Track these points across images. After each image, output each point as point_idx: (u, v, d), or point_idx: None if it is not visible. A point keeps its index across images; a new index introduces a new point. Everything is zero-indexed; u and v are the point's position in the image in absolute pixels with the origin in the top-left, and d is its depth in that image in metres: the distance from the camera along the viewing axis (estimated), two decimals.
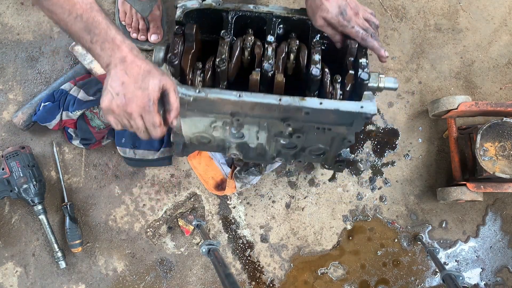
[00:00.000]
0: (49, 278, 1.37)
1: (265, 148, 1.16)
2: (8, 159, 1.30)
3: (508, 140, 1.28)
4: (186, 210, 1.42)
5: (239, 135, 1.11)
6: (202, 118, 1.06)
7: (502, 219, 1.46)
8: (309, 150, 1.17)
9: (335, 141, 1.12)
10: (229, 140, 1.14)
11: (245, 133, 1.11)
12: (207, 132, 1.11)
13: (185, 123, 1.09)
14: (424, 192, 1.46)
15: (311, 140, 1.12)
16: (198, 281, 1.41)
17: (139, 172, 1.41)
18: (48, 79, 1.41)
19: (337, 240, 1.44)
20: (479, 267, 1.45)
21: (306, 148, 1.16)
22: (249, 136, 1.12)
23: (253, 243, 1.43)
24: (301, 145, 1.14)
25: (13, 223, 1.38)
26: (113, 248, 1.40)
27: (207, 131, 1.11)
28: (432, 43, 1.49)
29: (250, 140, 1.13)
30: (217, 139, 1.14)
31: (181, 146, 1.18)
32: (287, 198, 1.44)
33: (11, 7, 1.43)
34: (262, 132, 1.09)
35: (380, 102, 1.48)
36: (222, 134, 1.12)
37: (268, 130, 1.09)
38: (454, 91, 1.48)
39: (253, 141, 1.14)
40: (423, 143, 1.47)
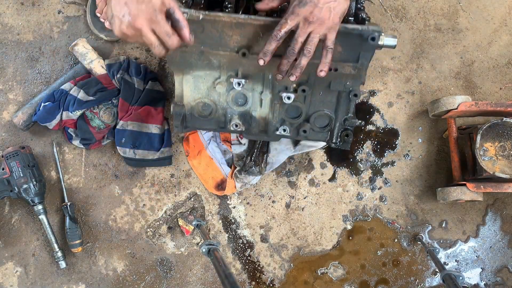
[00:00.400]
0: (49, 278, 1.37)
1: (268, 119, 1.15)
2: (8, 159, 1.30)
3: (508, 140, 1.28)
4: (186, 210, 1.42)
5: (242, 100, 1.11)
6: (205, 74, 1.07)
7: (502, 219, 1.46)
8: (314, 119, 1.14)
9: (341, 100, 1.11)
10: (232, 108, 1.13)
11: (248, 96, 1.11)
12: (209, 97, 1.11)
13: (187, 84, 1.09)
14: (424, 192, 1.46)
15: (316, 103, 1.11)
16: (198, 281, 1.41)
17: (139, 172, 1.41)
18: (48, 79, 1.41)
19: (337, 240, 1.44)
20: (479, 267, 1.45)
21: (310, 117, 1.14)
22: (252, 100, 1.11)
23: (253, 243, 1.43)
24: (306, 112, 1.13)
25: (13, 223, 1.38)
26: (113, 248, 1.40)
27: (210, 95, 1.11)
28: (432, 43, 1.49)
29: (253, 106, 1.13)
30: (219, 109, 1.13)
31: (181, 118, 1.15)
32: (287, 198, 1.44)
33: (11, 7, 1.43)
34: (267, 91, 1.09)
35: (380, 102, 1.48)
36: (224, 99, 1.11)
37: (272, 86, 1.09)
38: (454, 91, 1.48)
39: (256, 108, 1.13)
40: (423, 143, 1.47)
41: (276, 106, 1.13)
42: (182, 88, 1.11)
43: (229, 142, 1.41)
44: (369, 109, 1.47)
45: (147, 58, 1.44)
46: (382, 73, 1.48)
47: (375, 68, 1.48)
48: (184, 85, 1.10)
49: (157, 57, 1.04)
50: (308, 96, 1.10)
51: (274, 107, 1.13)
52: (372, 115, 1.47)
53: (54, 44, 1.43)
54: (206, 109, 1.14)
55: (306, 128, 1.15)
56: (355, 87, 1.09)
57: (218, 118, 1.16)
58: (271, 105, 1.12)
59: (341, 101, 1.12)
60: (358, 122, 1.15)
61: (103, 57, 1.39)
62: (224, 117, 1.15)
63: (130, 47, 1.44)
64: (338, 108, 1.13)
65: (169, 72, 1.44)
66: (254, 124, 1.16)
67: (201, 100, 1.12)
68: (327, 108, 1.13)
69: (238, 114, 1.14)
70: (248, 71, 1.07)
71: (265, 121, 1.15)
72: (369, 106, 1.47)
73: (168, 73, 1.44)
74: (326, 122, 1.15)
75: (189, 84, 1.09)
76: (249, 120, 1.15)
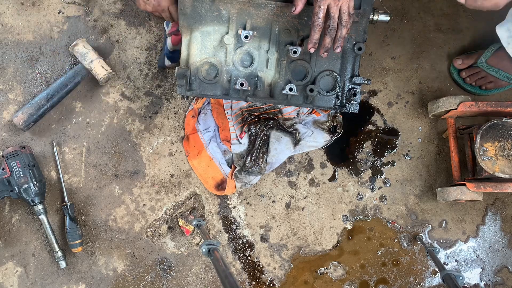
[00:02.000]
0: (49, 278, 1.37)
1: (275, 80, 1.16)
2: (8, 159, 1.30)
3: (508, 140, 1.28)
4: (186, 210, 1.42)
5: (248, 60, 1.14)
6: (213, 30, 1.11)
7: (502, 219, 1.46)
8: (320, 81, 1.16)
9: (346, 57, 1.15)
10: (237, 70, 1.15)
11: (255, 56, 1.14)
12: (215, 57, 1.14)
13: (195, 43, 1.12)
14: (424, 192, 1.46)
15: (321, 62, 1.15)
16: (198, 281, 1.41)
17: (139, 172, 1.41)
18: (48, 79, 1.41)
19: (337, 240, 1.44)
20: (479, 267, 1.45)
21: (316, 79, 1.16)
22: (259, 60, 1.14)
23: (253, 243, 1.43)
24: (312, 73, 1.16)
25: (13, 223, 1.38)
26: (113, 248, 1.40)
27: (216, 55, 1.14)
28: (432, 43, 1.49)
29: (259, 66, 1.15)
30: (224, 73, 1.15)
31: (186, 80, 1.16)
32: (287, 198, 1.44)
33: (11, 7, 1.43)
34: (273, 49, 1.13)
35: (380, 102, 1.48)
36: (230, 59, 1.14)
37: (278, 43, 1.13)
38: (454, 91, 1.48)
39: (262, 69, 1.15)
40: (423, 143, 1.47)
41: (282, 65, 1.15)
42: (188, 51, 1.14)
43: (229, 142, 1.41)
44: (369, 109, 1.47)
45: (147, 58, 1.44)
46: (382, 73, 1.48)
47: (375, 68, 1.48)
48: (191, 45, 1.12)
49: None
50: (313, 54, 1.14)
51: (281, 65, 1.15)
52: (372, 115, 1.47)
53: (54, 44, 1.43)
54: (211, 72, 1.15)
55: (313, 87, 1.16)
56: (358, 40, 1.15)
57: (223, 82, 1.17)
58: (277, 64, 1.15)
59: (346, 57, 1.16)
60: (365, 80, 1.18)
61: (103, 57, 1.39)
62: (229, 82, 1.16)
63: (130, 47, 1.44)
64: (343, 66, 1.17)
65: (169, 72, 1.44)
66: (260, 86, 1.17)
67: (207, 60, 1.14)
68: (332, 68, 1.15)
69: (243, 77, 1.15)
70: (256, 24, 1.12)
71: (271, 85, 1.17)
72: (369, 106, 1.47)
73: (169, 72, 1.44)
74: (333, 84, 1.17)
75: (196, 42, 1.12)
76: (255, 82, 1.16)
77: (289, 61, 1.15)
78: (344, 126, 1.43)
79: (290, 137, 1.40)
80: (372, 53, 1.48)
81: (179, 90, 1.17)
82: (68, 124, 1.41)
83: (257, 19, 1.12)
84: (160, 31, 1.45)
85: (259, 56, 1.14)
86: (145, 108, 1.43)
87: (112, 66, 1.42)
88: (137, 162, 1.42)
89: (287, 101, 1.19)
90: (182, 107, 1.44)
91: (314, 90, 1.15)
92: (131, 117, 1.43)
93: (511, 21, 1.23)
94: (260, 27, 1.13)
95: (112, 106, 1.43)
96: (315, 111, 1.42)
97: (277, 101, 1.19)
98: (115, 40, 1.44)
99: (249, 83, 1.16)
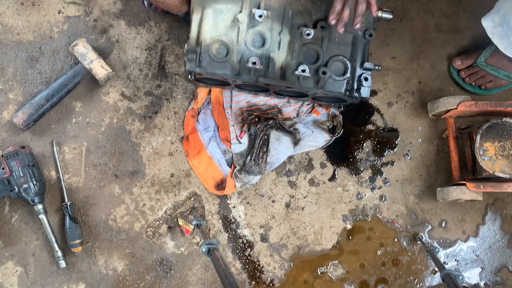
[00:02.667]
0: (49, 278, 1.38)
1: (287, 61, 1.16)
2: (8, 158, 1.30)
3: (507, 140, 1.28)
4: (186, 209, 1.42)
5: (260, 41, 1.14)
6: (227, 8, 1.12)
7: (501, 218, 1.46)
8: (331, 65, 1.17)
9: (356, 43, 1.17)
10: (249, 50, 1.15)
11: (267, 37, 1.14)
12: (227, 34, 1.13)
13: (207, 20, 1.12)
14: (424, 191, 1.46)
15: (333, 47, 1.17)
16: (198, 280, 1.41)
17: (139, 172, 1.41)
18: (48, 79, 1.41)
19: (337, 240, 1.44)
20: (478, 267, 1.45)
21: (327, 63, 1.17)
22: (271, 41, 1.14)
23: (253, 242, 1.43)
24: (323, 57, 1.16)
25: (13, 223, 1.38)
26: (113, 248, 1.40)
27: (228, 34, 1.13)
28: (432, 43, 1.49)
29: (271, 47, 1.15)
30: (235, 52, 1.14)
31: (196, 56, 1.15)
32: (287, 197, 1.44)
33: (11, 7, 1.43)
34: (285, 31, 1.14)
35: (380, 102, 1.48)
36: (242, 38, 1.14)
37: (291, 25, 1.14)
38: (454, 91, 1.49)
39: (274, 50, 1.15)
40: (423, 143, 1.47)
41: (294, 47, 1.16)
42: (199, 28, 1.13)
43: (229, 141, 1.41)
44: (369, 109, 1.47)
45: (147, 58, 1.44)
46: (382, 73, 1.48)
47: None
48: (203, 22, 1.12)
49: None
50: (325, 39, 1.16)
51: (293, 47, 1.15)
52: (372, 115, 1.47)
53: (54, 44, 1.43)
54: (222, 51, 1.14)
55: (325, 70, 1.16)
56: (369, 27, 1.17)
57: (233, 62, 1.16)
58: (289, 47, 1.15)
59: (357, 44, 1.18)
60: (376, 66, 1.20)
61: (103, 57, 1.39)
62: (239, 63, 1.16)
63: (130, 47, 1.44)
64: (354, 52, 1.18)
65: (169, 72, 1.44)
66: (272, 67, 1.17)
67: (218, 38, 1.13)
68: (343, 53, 1.17)
69: (256, 55, 1.16)
70: (270, 4, 1.12)
71: (283, 65, 1.17)
72: (369, 106, 1.48)
73: (169, 72, 1.44)
74: (343, 70, 1.19)
75: (208, 19, 1.12)
76: (267, 63, 1.16)
77: (301, 43, 1.16)
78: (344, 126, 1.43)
79: (290, 137, 1.40)
80: (372, 53, 1.48)
81: (188, 65, 1.14)
82: (68, 124, 1.41)
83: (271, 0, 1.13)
84: (160, 31, 1.45)
85: (271, 37, 1.14)
86: (145, 108, 1.43)
87: (112, 66, 1.42)
88: (137, 162, 1.42)
89: (299, 83, 1.18)
90: (182, 107, 1.44)
91: (326, 73, 1.15)
92: (131, 117, 1.43)
93: (495, 12, 1.24)
94: (274, 8, 1.13)
95: (112, 106, 1.43)
96: (315, 110, 1.42)
97: (289, 82, 1.17)
98: (115, 40, 1.44)
99: (260, 63, 1.15)
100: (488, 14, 1.26)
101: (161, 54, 1.45)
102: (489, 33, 1.26)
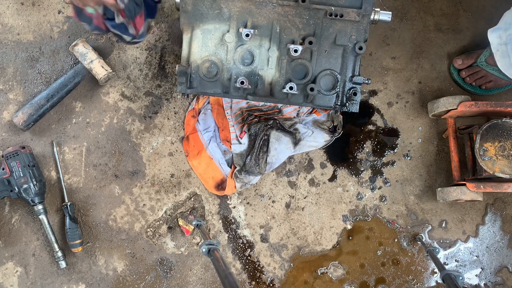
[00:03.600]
0: (49, 278, 1.37)
1: (275, 78, 1.16)
2: (8, 159, 1.30)
3: (508, 140, 1.28)
4: (186, 210, 1.42)
5: (248, 59, 1.13)
6: (214, 28, 1.11)
7: (502, 219, 1.46)
8: (320, 80, 1.16)
9: (346, 56, 1.15)
10: (238, 68, 1.15)
11: (255, 54, 1.13)
12: (216, 55, 1.14)
13: (196, 41, 1.12)
14: (424, 192, 1.46)
15: (322, 61, 1.15)
16: (198, 281, 1.41)
17: (139, 172, 1.41)
18: (48, 79, 1.41)
19: (337, 240, 1.44)
20: (478, 267, 1.45)
21: (317, 78, 1.16)
22: (259, 58, 1.14)
23: (253, 243, 1.43)
24: (312, 72, 1.15)
25: (13, 223, 1.38)
26: (113, 248, 1.40)
27: (217, 53, 1.14)
28: (432, 43, 1.49)
29: (260, 65, 1.15)
30: (225, 71, 1.15)
31: (187, 78, 1.16)
32: (287, 198, 1.44)
33: (11, 7, 1.43)
34: (274, 47, 1.13)
35: (380, 102, 1.48)
36: (231, 57, 1.14)
37: (279, 41, 1.13)
38: (454, 91, 1.48)
39: (263, 67, 1.15)
40: (423, 143, 1.47)
41: (283, 63, 1.15)
42: (189, 48, 1.14)
43: (229, 142, 1.41)
44: (369, 109, 1.47)
45: (147, 58, 1.44)
46: (382, 73, 1.48)
47: (375, 68, 1.48)
48: (193, 42, 1.12)
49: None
50: (314, 54, 1.14)
51: (281, 64, 1.15)
52: (372, 115, 1.47)
53: (54, 44, 1.43)
54: (212, 70, 1.15)
55: (313, 86, 1.16)
56: (359, 40, 1.14)
57: (223, 80, 1.17)
58: (278, 64, 1.15)
59: (347, 57, 1.16)
60: (366, 80, 1.18)
61: (103, 57, 1.39)
62: (229, 80, 1.16)
63: (130, 47, 1.44)
64: (344, 66, 1.16)
65: (169, 72, 1.44)
66: (261, 85, 1.17)
67: (208, 58, 1.14)
68: (333, 67, 1.15)
69: (244, 75, 1.15)
70: (257, 22, 1.12)
71: (271, 84, 1.16)
72: (369, 106, 1.48)
73: (169, 72, 1.44)
74: (333, 83, 1.17)
75: (197, 40, 1.12)
76: (255, 81, 1.16)
77: (290, 60, 1.15)
78: (344, 126, 1.43)
79: (290, 137, 1.40)
80: (372, 53, 1.48)
81: (179, 88, 1.17)
82: (68, 124, 1.41)
83: (258, 17, 1.12)
84: (160, 31, 1.45)
85: (260, 54, 1.14)
86: (145, 108, 1.43)
87: (112, 66, 1.42)
88: (137, 162, 1.42)
89: (288, 100, 1.19)
90: (182, 107, 1.44)
91: (314, 89, 1.15)
92: (131, 117, 1.43)
93: (503, 28, 1.22)
94: (261, 25, 1.13)
95: (112, 106, 1.43)
96: (315, 110, 1.42)
97: (277, 99, 1.19)
98: (115, 40, 1.44)
99: (249, 81, 1.16)
100: (496, 28, 1.25)
101: (161, 54, 1.45)
102: (493, 48, 1.25)
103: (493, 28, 1.25)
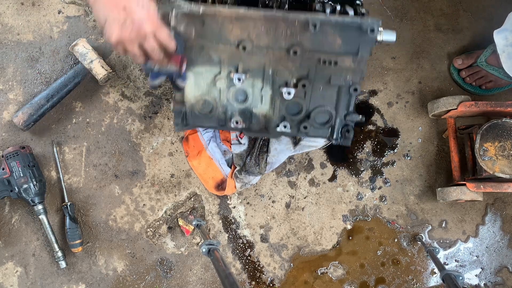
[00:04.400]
0: (49, 278, 1.38)
1: (269, 115, 1.15)
2: (8, 159, 1.30)
3: (508, 140, 1.28)
4: (186, 210, 1.42)
5: (242, 96, 1.12)
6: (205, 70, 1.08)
7: (502, 219, 1.46)
8: (314, 116, 1.14)
9: (341, 95, 1.11)
10: (232, 105, 1.14)
11: (249, 93, 1.11)
12: (209, 93, 1.12)
13: (189, 81, 1.10)
14: (424, 192, 1.46)
15: (316, 98, 1.12)
16: (198, 281, 1.41)
17: (139, 172, 1.41)
18: (48, 79, 1.41)
19: (337, 240, 1.44)
20: (478, 267, 1.45)
21: (311, 113, 1.14)
22: (253, 97, 1.12)
23: (253, 243, 1.43)
24: (306, 108, 1.13)
25: (13, 223, 1.38)
26: (113, 248, 1.40)
27: (210, 92, 1.12)
28: (432, 43, 1.49)
29: (253, 103, 1.13)
30: (219, 107, 1.14)
31: (182, 116, 1.16)
32: (287, 198, 1.44)
33: (11, 7, 1.43)
34: (267, 87, 1.10)
35: (380, 102, 1.48)
36: (225, 96, 1.12)
37: (272, 82, 1.10)
38: (454, 91, 1.49)
39: (256, 105, 1.14)
40: (423, 143, 1.47)
41: (276, 102, 1.13)
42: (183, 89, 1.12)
43: (229, 142, 1.41)
44: (369, 109, 1.47)
45: None
46: (382, 73, 1.48)
47: (375, 68, 1.48)
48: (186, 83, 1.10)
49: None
50: (308, 92, 1.11)
51: (275, 103, 1.13)
52: (372, 115, 1.47)
53: (54, 44, 1.43)
54: (206, 107, 1.14)
55: (306, 124, 1.15)
56: (355, 81, 1.09)
57: (219, 115, 1.16)
58: (271, 102, 1.13)
59: (341, 96, 1.12)
60: (359, 118, 1.15)
61: (103, 57, 1.39)
62: (225, 114, 1.16)
63: None
64: (338, 104, 1.13)
65: None
66: (255, 121, 1.16)
67: (202, 97, 1.13)
68: (327, 104, 1.13)
69: (238, 111, 1.15)
70: (248, 66, 1.08)
71: (265, 117, 1.16)
72: (369, 106, 1.48)
73: None
74: (327, 118, 1.15)
75: (189, 81, 1.10)
76: (249, 117, 1.16)
77: (283, 99, 1.12)
78: None
79: (290, 137, 1.40)
80: (372, 53, 1.48)
81: (176, 128, 1.17)
82: (68, 124, 1.41)
83: (250, 62, 1.08)
84: None
85: (253, 93, 1.12)
86: (145, 108, 1.43)
87: (112, 66, 1.42)
88: (137, 162, 1.42)
89: (281, 134, 1.19)
90: None
91: (307, 127, 1.14)
92: (131, 117, 1.43)
93: (509, 29, 1.22)
94: (253, 68, 1.09)
95: (112, 106, 1.43)
96: None
97: (272, 135, 1.19)
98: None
99: (244, 117, 1.15)
100: (501, 30, 1.24)
101: None
102: (499, 50, 1.24)
103: (498, 30, 1.25)
